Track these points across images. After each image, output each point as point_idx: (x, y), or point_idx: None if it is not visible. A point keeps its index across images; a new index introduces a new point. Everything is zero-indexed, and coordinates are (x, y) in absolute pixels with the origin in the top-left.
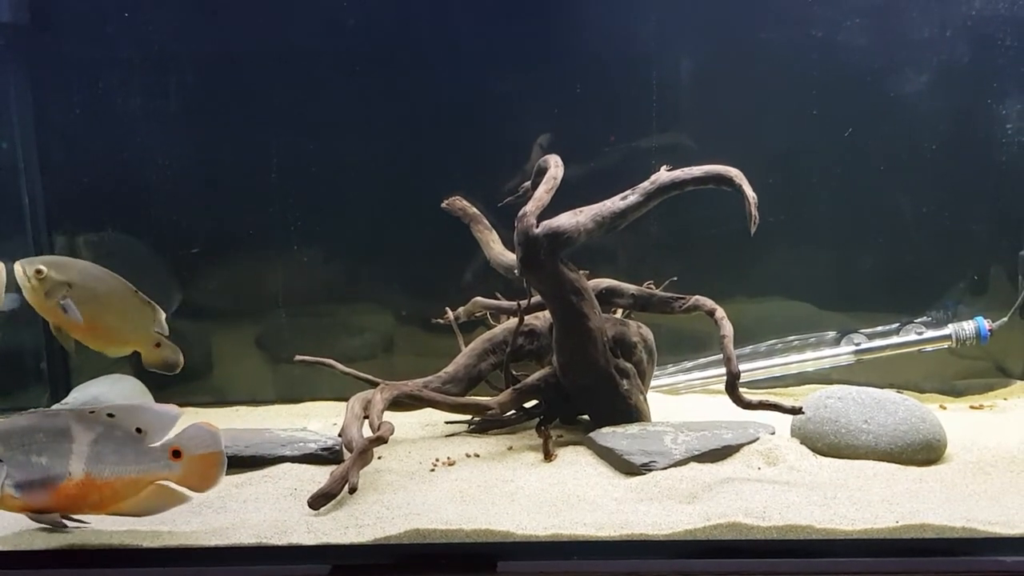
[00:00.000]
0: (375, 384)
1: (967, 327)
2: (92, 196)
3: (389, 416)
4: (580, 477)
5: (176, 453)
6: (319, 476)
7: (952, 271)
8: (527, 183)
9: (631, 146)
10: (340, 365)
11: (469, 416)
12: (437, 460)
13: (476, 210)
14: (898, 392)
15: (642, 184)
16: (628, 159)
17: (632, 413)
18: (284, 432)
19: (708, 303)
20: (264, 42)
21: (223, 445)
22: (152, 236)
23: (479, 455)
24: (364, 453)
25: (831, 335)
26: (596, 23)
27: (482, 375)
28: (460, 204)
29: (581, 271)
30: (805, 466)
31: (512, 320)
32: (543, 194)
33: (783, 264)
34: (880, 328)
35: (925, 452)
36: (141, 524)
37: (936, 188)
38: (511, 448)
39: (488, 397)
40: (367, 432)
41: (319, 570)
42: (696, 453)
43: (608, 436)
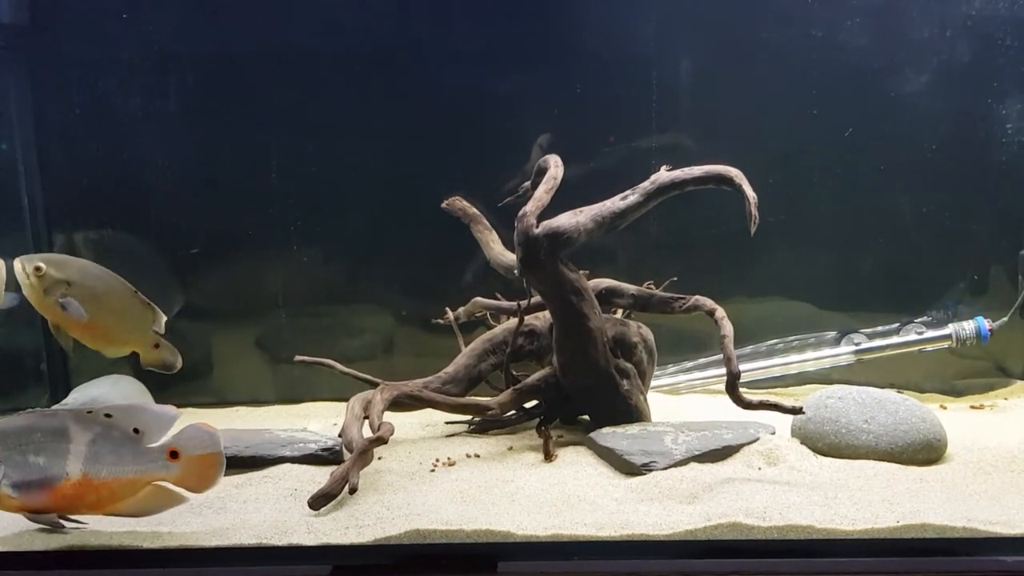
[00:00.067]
0: (375, 384)
1: (967, 327)
2: (92, 196)
3: (389, 416)
4: (580, 477)
5: (173, 454)
6: (319, 476)
7: (952, 271)
8: (527, 183)
9: (631, 146)
10: (340, 365)
11: (469, 416)
12: (437, 460)
13: (476, 210)
14: (898, 392)
15: (642, 184)
16: (628, 159)
17: (632, 413)
18: (284, 432)
19: (708, 303)
20: (264, 42)
21: (222, 446)
22: (152, 236)
23: (479, 455)
24: (364, 453)
25: (831, 335)
26: (596, 23)
27: (482, 375)
28: (460, 204)
29: (581, 271)
30: (805, 466)
31: (512, 320)
32: (543, 194)
33: (783, 264)
34: (880, 328)
35: (925, 452)
36: (141, 525)
37: (936, 188)
38: (511, 448)
39: (488, 397)
40: (367, 432)
41: (319, 570)
42: (696, 453)
43: (608, 436)
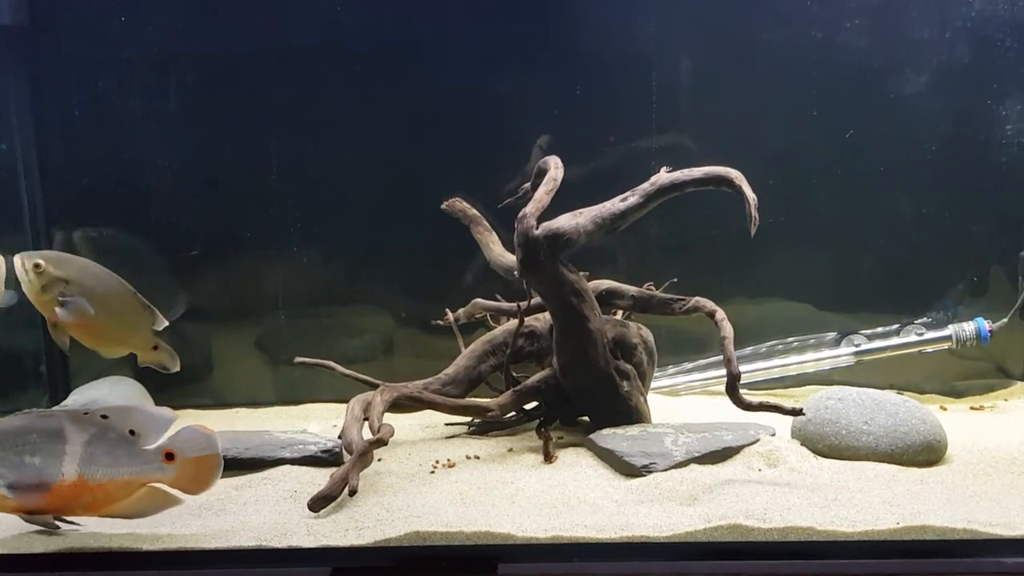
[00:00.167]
0: (375, 386)
1: (967, 328)
2: (92, 197)
3: (389, 418)
4: (580, 479)
5: (169, 456)
6: (319, 478)
7: (952, 272)
8: (527, 184)
9: (631, 147)
10: (340, 367)
11: (469, 418)
12: (437, 462)
13: (476, 211)
14: (898, 393)
15: (642, 185)
16: (628, 160)
17: (632, 415)
18: (284, 434)
19: (708, 304)
20: (264, 42)
21: (219, 448)
22: (152, 237)
23: (479, 457)
24: (364, 455)
25: (831, 336)
26: (596, 23)
27: (482, 377)
28: (460, 205)
29: (581, 272)
30: (806, 468)
31: (512, 322)
32: (543, 195)
33: (783, 265)
34: (880, 329)
35: (926, 453)
36: (141, 527)
37: (936, 189)
38: (511, 450)
39: (488, 399)
40: (367, 434)
41: (319, 573)
42: (696, 455)
43: (608, 438)
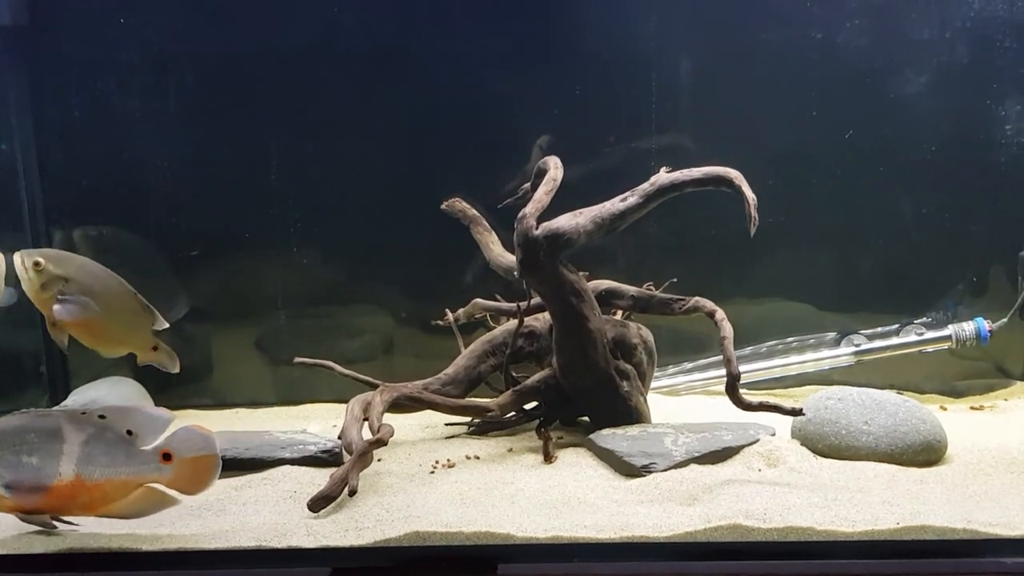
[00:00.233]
0: (375, 386)
1: (967, 328)
2: (91, 197)
3: (389, 418)
4: (580, 479)
5: (166, 456)
6: (319, 478)
7: (952, 272)
8: (527, 184)
9: (631, 147)
10: (339, 367)
11: (469, 418)
12: (437, 462)
13: (476, 212)
14: (898, 393)
15: (642, 185)
16: (628, 160)
17: (632, 415)
18: (283, 434)
19: (708, 304)
20: (264, 42)
21: (217, 448)
22: (151, 238)
23: (479, 457)
24: (364, 455)
25: (831, 336)
26: (596, 23)
27: (482, 377)
28: (460, 205)
29: (581, 272)
30: (806, 468)
31: (512, 322)
32: (543, 195)
33: (783, 265)
34: (880, 329)
35: (926, 453)
36: (140, 527)
37: (936, 189)
38: (511, 450)
39: (488, 399)
40: (367, 434)
41: (319, 573)
42: (696, 455)
43: (608, 438)
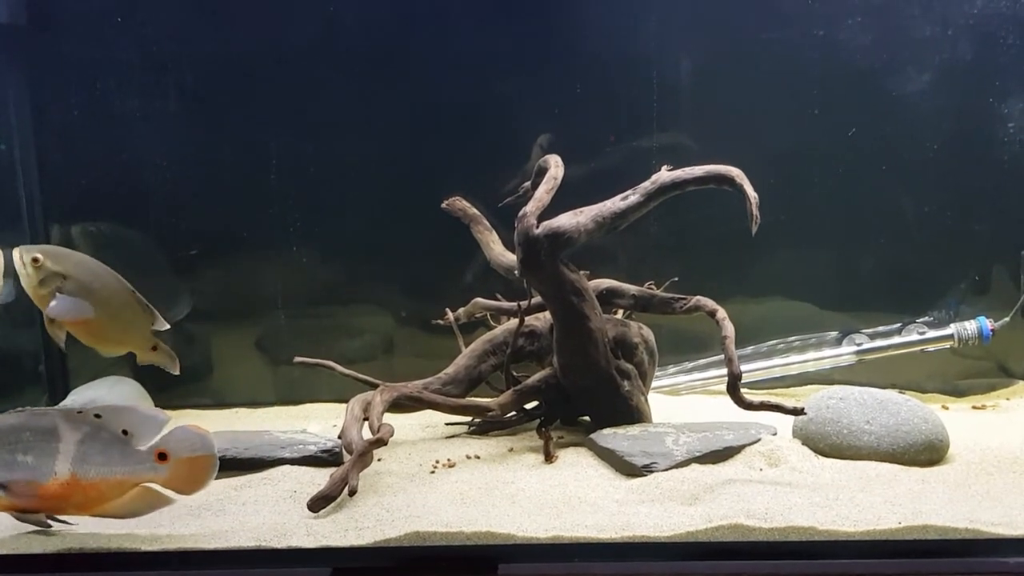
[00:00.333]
0: (375, 386)
1: (969, 327)
2: (91, 197)
3: (389, 418)
4: (581, 479)
5: (162, 456)
6: (319, 478)
7: (954, 271)
8: (527, 183)
9: (631, 146)
10: (340, 367)
11: (469, 418)
12: (437, 462)
13: (476, 211)
14: (900, 392)
15: (643, 184)
16: (628, 159)
17: (633, 414)
18: (283, 434)
19: (709, 303)
20: (264, 42)
21: (214, 448)
22: (151, 237)
23: (479, 457)
24: (364, 455)
25: (833, 335)
26: (596, 23)
27: (482, 376)
28: (460, 205)
29: (581, 272)
30: (807, 467)
31: (513, 321)
32: (543, 194)
33: (784, 264)
34: (882, 328)
35: (927, 453)
36: (140, 527)
37: (938, 187)
38: (512, 450)
39: (488, 398)
40: (367, 434)
41: (319, 573)
42: (697, 454)
43: (609, 437)
